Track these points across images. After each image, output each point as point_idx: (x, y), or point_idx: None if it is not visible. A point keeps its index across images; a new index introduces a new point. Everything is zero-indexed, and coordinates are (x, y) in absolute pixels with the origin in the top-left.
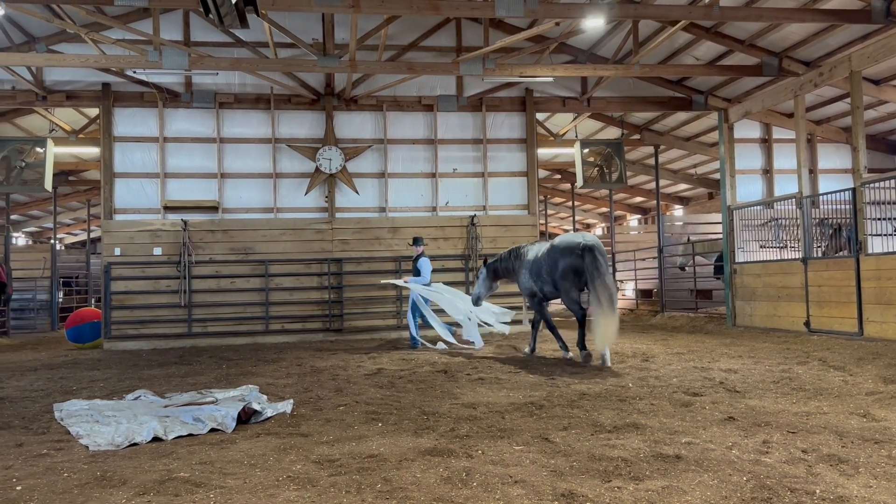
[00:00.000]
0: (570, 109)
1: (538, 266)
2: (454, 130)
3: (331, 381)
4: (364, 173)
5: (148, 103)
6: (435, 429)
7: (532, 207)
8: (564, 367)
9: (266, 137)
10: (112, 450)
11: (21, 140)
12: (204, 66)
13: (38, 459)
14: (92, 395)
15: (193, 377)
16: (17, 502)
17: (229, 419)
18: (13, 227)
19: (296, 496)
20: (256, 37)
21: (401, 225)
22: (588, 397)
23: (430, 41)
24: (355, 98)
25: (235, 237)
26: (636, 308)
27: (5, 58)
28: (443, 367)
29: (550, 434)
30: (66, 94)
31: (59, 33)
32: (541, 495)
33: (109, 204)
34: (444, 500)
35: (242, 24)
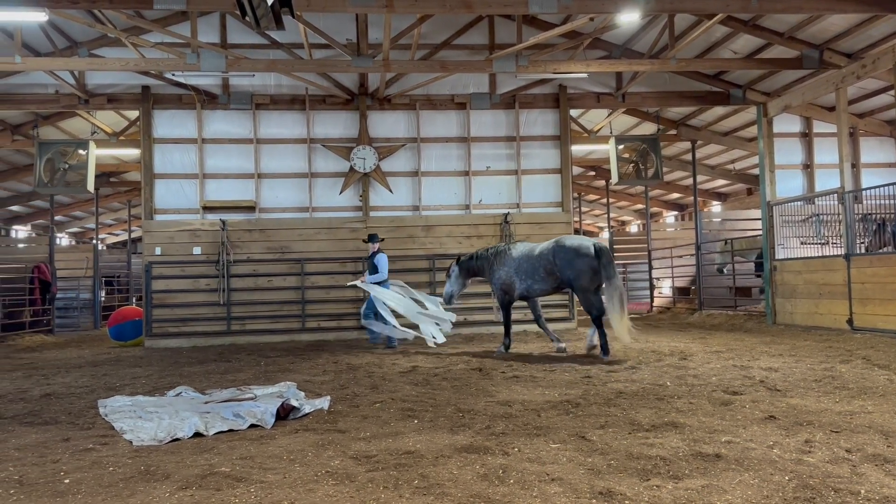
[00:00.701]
0: (605, 105)
1: (532, 265)
2: (487, 128)
3: (366, 379)
4: (398, 172)
5: (186, 105)
6: (471, 426)
7: (566, 205)
8: (601, 365)
9: (301, 138)
10: (155, 445)
11: (64, 143)
12: (240, 67)
13: (84, 454)
14: (134, 392)
15: (233, 374)
16: (65, 495)
17: (268, 415)
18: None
19: (334, 491)
20: (291, 38)
21: (434, 223)
22: (625, 396)
23: (463, 39)
24: (389, 97)
25: (272, 236)
26: (673, 306)
27: (49, 62)
28: (477, 365)
29: (587, 432)
30: (107, 97)
31: (100, 38)
32: (578, 493)
33: (150, 204)
34: (481, 497)
35: (278, 25)
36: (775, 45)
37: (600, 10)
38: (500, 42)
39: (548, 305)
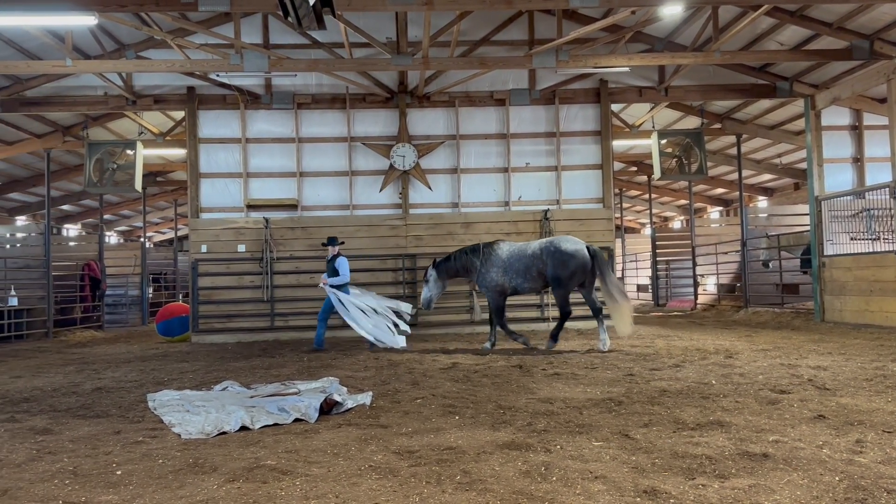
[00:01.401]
0: (647, 99)
1: (524, 264)
2: (526, 124)
3: (407, 375)
4: (437, 169)
5: (230, 105)
6: (512, 423)
7: (607, 201)
8: (644, 363)
9: (342, 136)
10: (202, 438)
11: (113, 143)
12: (283, 67)
13: (134, 446)
14: (182, 386)
15: (276, 369)
16: (117, 486)
17: (312, 410)
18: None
19: (378, 485)
20: (332, 38)
21: (473, 220)
22: (669, 394)
23: (502, 35)
24: (428, 95)
25: (314, 234)
26: (718, 303)
27: (98, 65)
28: (518, 362)
29: (630, 431)
30: (153, 98)
31: (147, 40)
32: (622, 492)
33: (196, 203)
34: (523, 494)
35: (319, 25)
36: (823, 35)
37: (643, 3)
38: (540, 37)
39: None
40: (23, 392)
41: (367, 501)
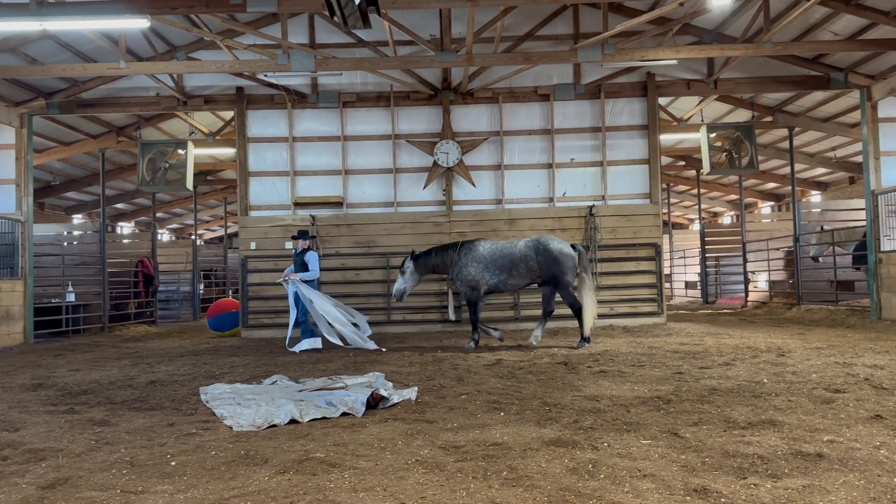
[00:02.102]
0: (695, 92)
1: (510, 261)
2: (571, 119)
3: (452, 371)
4: (480, 166)
5: (278, 105)
6: (558, 420)
7: (654, 196)
8: (693, 361)
9: (386, 134)
10: (253, 430)
11: (165, 143)
12: (329, 67)
13: (188, 438)
14: (233, 380)
15: (324, 364)
16: (172, 476)
17: (359, 404)
18: (158, 224)
19: (425, 479)
20: (376, 36)
21: (517, 217)
22: (719, 392)
23: (547, 30)
24: (471, 91)
25: (359, 231)
26: (769, 301)
27: (150, 66)
28: (563, 359)
29: (680, 429)
30: (203, 98)
31: (197, 41)
32: (672, 490)
33: (245, 201)
34: (570, 491)
35: (365, 24)
36: (880, 25)
37: None
38: (585, 31)
39: (637, 300)
40: (81, 385)
41: (414, 495)
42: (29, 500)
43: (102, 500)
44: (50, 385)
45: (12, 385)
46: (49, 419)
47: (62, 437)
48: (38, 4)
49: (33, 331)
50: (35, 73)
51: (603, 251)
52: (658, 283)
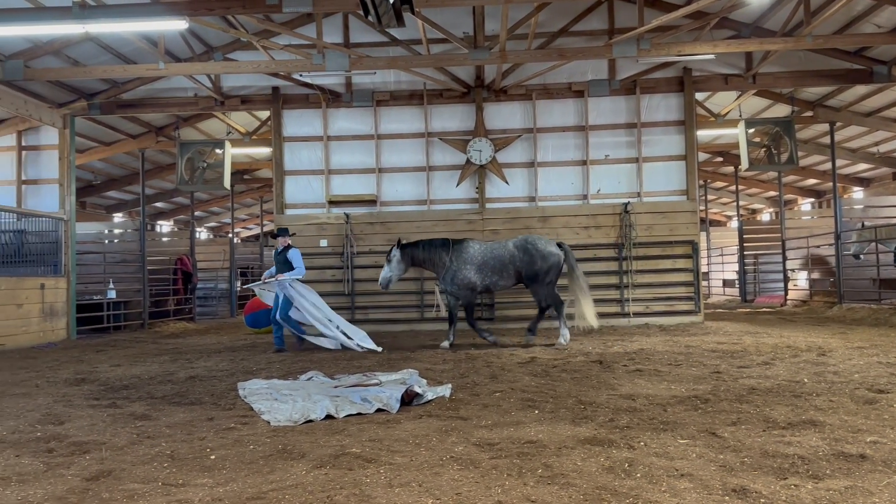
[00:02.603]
0: (734, 87)
1: (500, 262)
2: (606, 115)
3: (485, 368)
4: (513, 163)
5: (313, 105)
6: (593, 418)
7: (691, 193)
8: (731, 360)
9: (419, 132)
10: (290, 425)
11: (202, 143)
12: (363, 66)
13: (227, 432)
14: (270, 375)
15: (358, 360)
16: (212, 470)
17: (394, 400)
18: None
19: (459, 476)
20: (410, 35)
21: (551, 214)
22: (758, 392)
23: (581, 25)
24: (505, 88)
25: (392, 229)
26: (810, 299)
27: (188, 67)
28: (598, 358)
29: (718, 429)
30: (240, 98)
31: (233, 42)
32: (710, 490)
33: (281, 200)
34: (607, 490)
35: (399, 22)
36: None
37: None
38: (620, 26)
39: (673, 298)
40: (122, 380)
41: (449, 491)
42: (74, 491)
43: (144, 492)
44: (92, 380)
45: (57, 380)
46: (92, 413)
47: (105, 431)
48: (81, 7)
49: (76, 327)
50: (77, 74)
51: (638, 249)
52: (695, 281)
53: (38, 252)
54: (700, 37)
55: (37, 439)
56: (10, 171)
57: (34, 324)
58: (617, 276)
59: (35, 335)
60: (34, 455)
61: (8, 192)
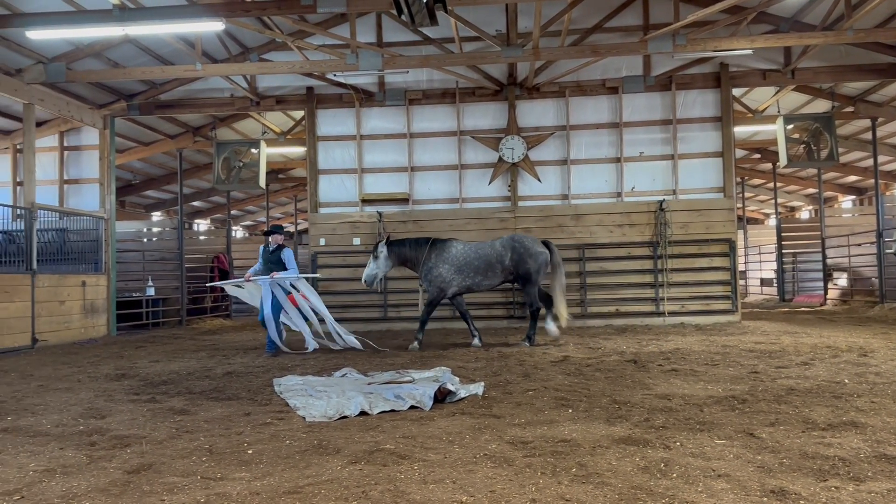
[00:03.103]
0: (772, 82)
1: (485, 262)
2: (641, 112)
3: (518, 367)
4: (546, 161)
5: (346, 104)
6: (628, 418)
7: (728, 190)
8: (769, 360)
9: (452, 130)
10: (325, 421)
11: (238, 143)
12: (396, 65)
13: (263, 427)
14: (305, 372)
15: (391, 358)
16: (249, 464)
17: (427, 398)
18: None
19: (493, 473)
20: (442, 33)
21: (584, 212)
22: (797, 393)
23: (615, 22)
24: (537, 86)
25: (424, 227)
26: (850, 298)
27: (225, 68)
28: (632, 357)
29: (755, 429)
30: (275, 98)
31: (268, 43)
32: (748, 491)
33: (314, 198)
34: (642, 489)
35: (432, 21)
36: None
37: None
38: (655, 22)
39: (709, 297)
40: (161, 375)
41: (483, 488)
42: (116, 484)
43: (184, 485)
44: (132, 375)
45: (98, 375)
46: (132, 408)
47: (145, 425)
48: (120, 10)
49: (116, 323)
50: (117, 76)
51: (674, 247)
52: (732, 279)
53: (80, 250)
54: (737, 32)
55: (79, 433)
56: (52, 170)
57: (76, 320)
58: (651, 275)
59: (76, 331)
60: (77, 448)
61: (50, 192)
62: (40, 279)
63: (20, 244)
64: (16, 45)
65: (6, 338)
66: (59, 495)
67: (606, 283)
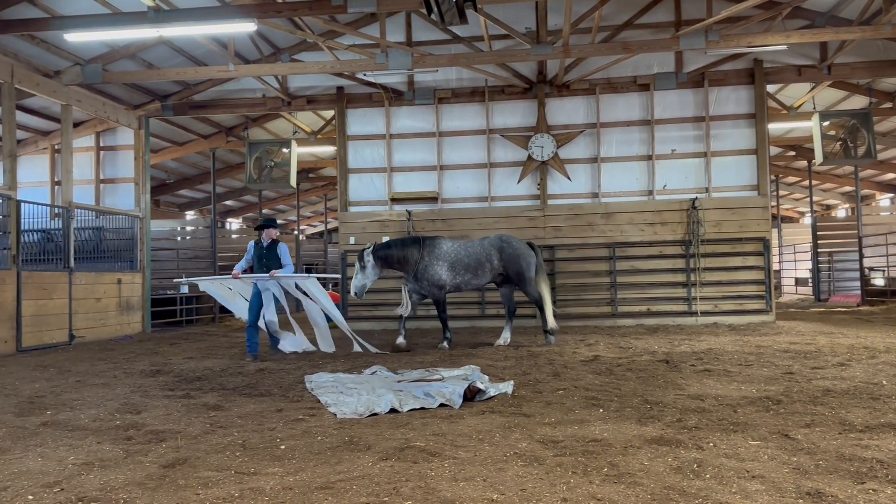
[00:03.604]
0: (807, 79)
1: (475, 260)
2: (672, 109)
3: (547, 366)
4: (576, 159)
5: (376, 103)
6: (660, 418)
7: (762, 188)
8: (804, 361)
9: (481, 129)
10: (356, 418)
11: (270, 142)
12: (425, 64)
13: (295, 423)
14: (335, 369)
15: (420, 356)
16: (282, 460)
17: (456, 396)
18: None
19: (524, 472)
20: (472, 32)
21: (615, 210)
22: (833, 394)
23: (646, 18)
24: (567, 83)
25: (453, 226)
26: (888, 299)
27: (257, 69)
28: (664, 357)
29: (791, 431)
30: (306, 98)
31: (300, 43)
32: (783, 492)
33: (344, 197)
34: (675, 490)
35: (462, 20)
36: None
37: None
38: (688, 18)
39: (743, 297)
40: (195, 372)
41: (514, 487)
42: (152, 478)
43: (218, 479)
44: (167, 371)
45: (133, 371)
46: (167, 403)
47: (180, 420)
48: (155, 11)
49: (150, 320)
50: (152, 77)
51: (707, 245)
52: (766, 279)
53: (116, 248)
54: (772, 27)
55: (116, 427)
56: (89, 170)
57: (111, 317)
58: (684, 274)
59: (112, 328)
60: (114, 442)
61: (87, 191)
62: (78, 277)
63: (58, 243)
64: (54, 47)
65: (45, 334)
66: (98, 488)
67: (637, 283)
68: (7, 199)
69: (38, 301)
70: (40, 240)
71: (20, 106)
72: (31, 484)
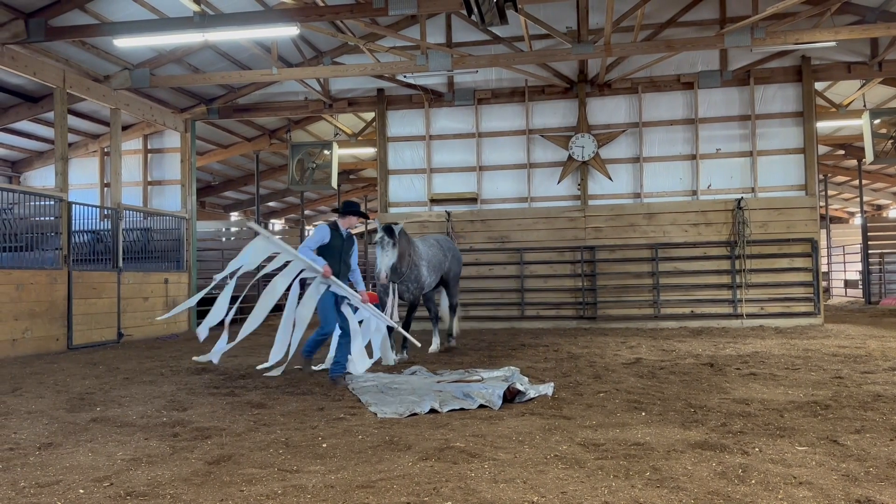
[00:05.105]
0: (857, 76)
1: (439, 260)
2: (717, 107)
3: (588, 368)
4: (617, 159)
5: (415, 105)
6: (704, 422)
7: (811, 188)
8: (853, 365)
9: (520, 129)
10: (396, 418)
11: (312, 144)
12: (465, 65)
13: (336, 422)
14: (375, 369)
15: (459, 357)
16: (324, 458)
17: (496, 397)
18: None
19: (565, 475)
20: (512, 32)
21: (657, 211)
22: (884, 399)
23: (690, 16)
24: (609, 83)
25: (493, 227)
26: None
27: (299, 72)
28: (708, 360)
29: (839, 436)
30: (347, 101)
31: (341, 46)
32: (831, 499)
33: (384, 198)
34: (719, 495)
35: (502, 20)
36: None
37: None
38: (732, 15)
39: (790, 299)
40: (239, 370)
41: (554, 489)
42: (198, 474)
43: (262, 476)
44: (212, 369)
45: (180, 369)
46: (212, 401)
47: (224, 418)
48: (200, 17)
49: (196, 319)
50: (198, 81)
51: (753, 247)
52: (814, 281)
53: (162, 249)
54: (820, 23)
55: (163, 424)
56: (136, 172)
57: (159, 316)
58: (729, 276)
59: (159, 326)
60: (161, 438)
61: (135, 193)
62: (126, 276)
63: (107, 243)
64: (104, 52)
65: (94, 332)
66: (145, 483)
67: (681, 284)
68: (59, 200)
69: (87, 300)
70: (90, 240)
71: (71, 110)
72: (82, 478)
